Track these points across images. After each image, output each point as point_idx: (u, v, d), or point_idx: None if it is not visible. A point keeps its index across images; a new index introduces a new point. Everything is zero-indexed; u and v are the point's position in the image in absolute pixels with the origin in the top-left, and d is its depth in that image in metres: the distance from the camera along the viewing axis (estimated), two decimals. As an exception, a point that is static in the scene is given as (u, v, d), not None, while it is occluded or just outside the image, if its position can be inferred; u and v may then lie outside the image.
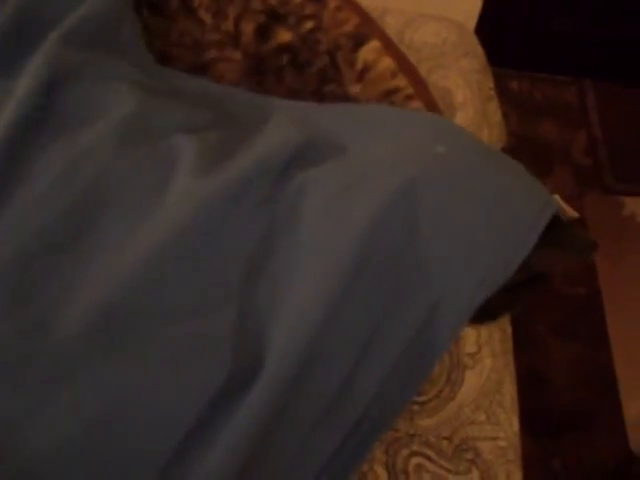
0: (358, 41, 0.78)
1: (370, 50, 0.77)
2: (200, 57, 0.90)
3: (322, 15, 0.79)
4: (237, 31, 0.87)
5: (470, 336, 0.78)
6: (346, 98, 0.81)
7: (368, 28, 0.77)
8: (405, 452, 0.71)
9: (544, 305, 1.42)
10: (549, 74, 1.87)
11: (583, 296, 1.53)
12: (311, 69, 0.84)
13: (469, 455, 0.72)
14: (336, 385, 0.58)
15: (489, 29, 1.61)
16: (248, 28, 0.86)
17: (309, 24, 0.81)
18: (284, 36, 0.85)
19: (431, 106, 0.73)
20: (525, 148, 1.33)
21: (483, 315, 0.62)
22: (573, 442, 1.32)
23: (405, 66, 0.76)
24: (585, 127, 1.79)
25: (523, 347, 0.88)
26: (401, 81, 0.75)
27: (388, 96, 0.76)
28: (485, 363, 0.78)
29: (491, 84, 1.13)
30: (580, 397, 1.37)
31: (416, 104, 0.73)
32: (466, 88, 1.01)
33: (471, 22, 1.69)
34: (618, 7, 1.78)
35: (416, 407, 0.74)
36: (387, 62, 0.76)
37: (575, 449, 1.31)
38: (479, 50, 1.10)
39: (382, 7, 1.04)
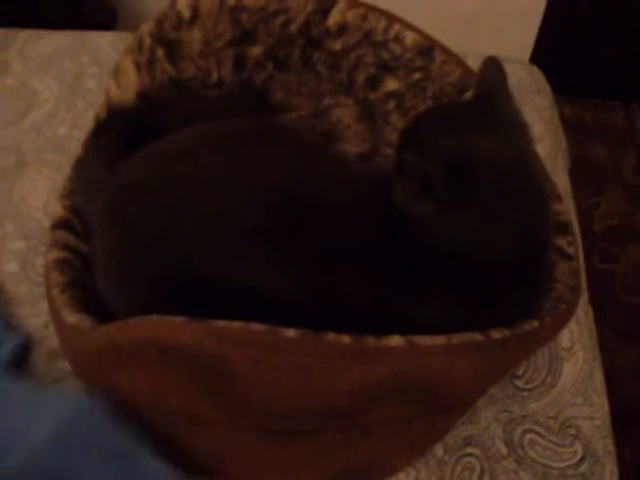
0: (461, 89, 0.93)
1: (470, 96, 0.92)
2: (318, 104, 1.05)
3: (430, 68, 0.95)
4: (350, 80, 1.03)
5: (565, 334, 0.93)
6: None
7: (470, 78, 0.93)
8: (519, 430, 0.86)
9: (607, 313, 1.52)
10: (598, 99, 2.02)
11: (642, 304, 1.66)
12: (416, 112, 0.99)
13: (572, 431, 0.87)
14: None
15: (542, 59, 1.77)
16: (360, 77, 1.02)
17: (417, 75, 0.96)
18: (392, 84, 1.00)
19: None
20: (579, 170, 1.46)
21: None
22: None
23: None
24: (634, 148, 1.93)
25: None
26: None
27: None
28: (578, 356, 0.93)
29: (557, 116, 1.28)
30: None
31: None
32: (541, 123, 1.17)
33: (526, 53, 1.85)
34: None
35: (525, 393, 0.88)
36: (488, 107, 0.92)
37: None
38: (547, 87, 1.26)
39: (462, 51, 1.18)
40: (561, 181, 1.08)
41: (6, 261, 0.96)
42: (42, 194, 1.03)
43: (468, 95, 0.89)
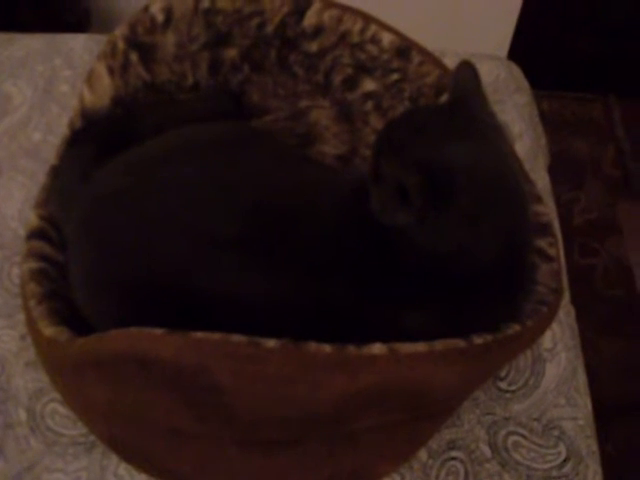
0: (439, 90, 0.92)
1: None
2: (295, 106, 1.04)
3: (407, 69, 0.94)
4: (326, 81, 1.02)
5: (547, 335, 0.92)
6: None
7: (448, 79, 0.92)
8: (503, 432, 0.86)
9: (587, 307, 1.53)
10: (576, 92, 2.02)
11: (622, 297, 1.67)
12: (394, 113, 0.99)
13: (555, 432, 0.86)
14: None
15: (520, 53, 1.77)
16: (337, 79, 1.01)
17: (395, 76, 0.95)
18: (369, 85, 0.99)
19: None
20: (558, 164, 1.47)
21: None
22: (623, 429, 1.46)
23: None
24: (612, 141, 1.94)
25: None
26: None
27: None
28: (561, 356, 0.92)
29: (536, 112, 1.28)
30: (627, 389, 1.52)
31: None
32: (521, 121, 1.16)
33: (504, 48, 1.85)
34: (636, 25, 1.93)
35: (509, 395, 0.88)
36: (466, 107, 0.91)
37: (625, 435, 1.46)
38: (526, 84, 1.25)
39: (439, 49, 1.17)
40: (541, 179, 1.08)
41: (-19, 271, 0.95)
42: (17, 202, 1.01)
43: (445, 97, 0.88)
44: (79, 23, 1.61)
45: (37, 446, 0.81)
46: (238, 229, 0.70)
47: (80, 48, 1.20)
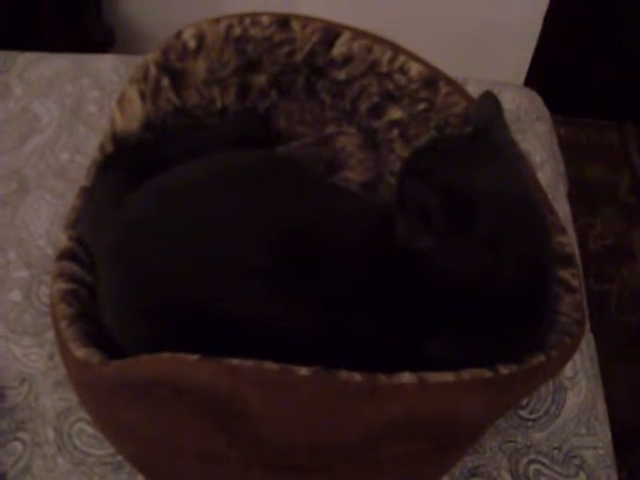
0: (466, 120, 0.94)
1: (477, 128, 0.93)
2: (321, 132, 1.06)
3: (434, 99, 0.95)
4: (353, 108, 1.03)
5: (568, 363, 0.93)
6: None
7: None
8: (524, 460, 0.87)
9: (602, 333, 1.53)
10: (592, 119, 2.04)
11: (637, 323, 1.67)
12: (419, 141, 1.00)
13: (576, 461, 0.87)
14: None
15: (537, 80, 1.79)
16: (363, 106, 1.02)
17: (422, 105, 0.96)
18: (396, 113, 1.00)
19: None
20: (574, 189, 1.48)
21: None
22: (637, 455, 1.46)
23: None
24: (628, 168, 1.95)
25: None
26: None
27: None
28: (581, 385, 0.93)
29: (556, 140, 1.29)
30: (641, 415, 1.52)
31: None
32: (542, 150, 1.18)
33: (522, 74, 1.86)
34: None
35: (530, 423, 0.89)
36: (492, 138, 0.93)
37: (637, 461, 1.46)
38: (546, 113, 1.27)
39: (461, 77, 1.19)
40: (562, 208, 1.09)
41: (9, 290, 0.96)
42: (45, 221, 1.03)
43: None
44: (104, 42, 1.63)
45: (64, 465, 0.82)
46: (266, 259, 0.71)
47: (108, 69, 1.22)
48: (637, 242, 1.78)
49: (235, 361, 0.63)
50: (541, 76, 1.82)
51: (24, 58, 1.24)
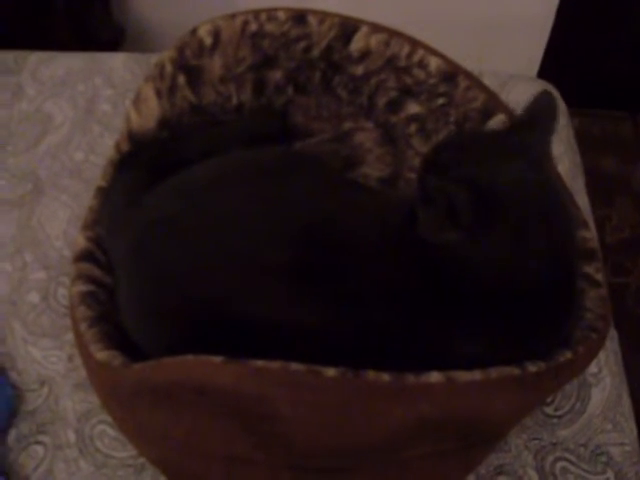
0: (486, 115, 0.92)
1: (496, 122, 0.91)
2: (339, 127, 1.05)
3: (454, 93, 0.94)
4: (370, 104, 1.02)
5: (592, 359, 0.92)
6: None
7: (494, 103, 0.92)
8: (551, 458, 0.86)
9: (619, 326, 1.52)
10: (605, 110, 2.02)
11: (654, 316, 1.66)
12: (438, 136, 0.99)
13: (603, 458, 0.86)
14: None
15: (550, 71, 1.77)
16: (381, 101, 1.01)
17: (441, 100, 0.95)
18: (414, 108, 0.99)
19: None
20: (588, 182, 1.46)
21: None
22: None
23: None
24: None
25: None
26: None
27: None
28: (606, 381, 0.92)
29: (572, 133, 1.28)
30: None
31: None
32: (560, 143, 1.16)
33: (535, 66, 1.85)
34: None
35: (555, 420, 0.88)
36: (512, 131, 0.91)
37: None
38: (563, 106, 1.25)
39: (477, 70, 1.17)
40: (581, 201, 1.08)
41: (27, 292, 0.95)
42: (61, 222, 1.02)
43: (495, 121, 0.88)
44: (114, 40, 1.62)
45: (86, 468, 0.82)
46: (288, 256, 0.70)
47: (120, 67, 1.21)
48: (653, 234, 1.76)
49: (261, 362, 0.62)
50: (554, 68, 1.80)
51: (35, 57, 1.24)
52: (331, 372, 0.62)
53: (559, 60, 1.84)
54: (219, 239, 0.72)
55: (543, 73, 1.81)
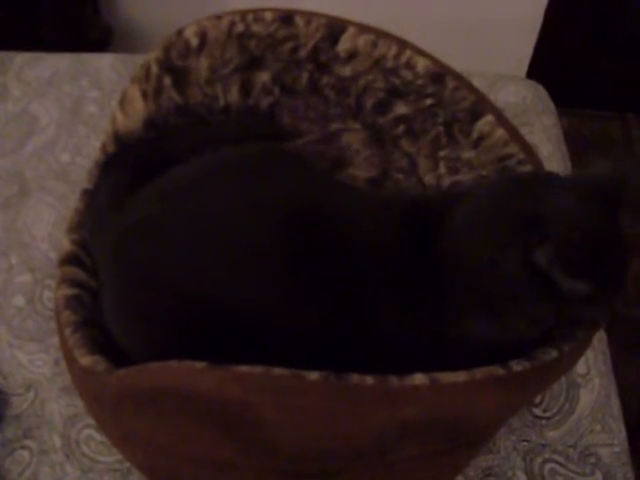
0: (474, 116, 0.92)
1: (485, 123, 0.91)
2: (326, 129, 1.04)
3: (442, 94, 0.94)
4: (358, 105, 1.02)
5: (580, 360, 0.92)
6: (460, 161, 0.96)
7: (483, 104, 0.92)
8: (539, 459, 0.85)
9: (609, 327, 1.51)
10: (594, 110, 2.02)
11: (640, 317, 1.66)
12: (426, 137, 0.98)
13: (592, 460, 0.86)
14: None
15: (539, 72, 1.77)
16: (368, 102, 1.01)
17: (429, 101, 0.95)
18: (401, 109, 0.99)
19: (540, 169, 0.88)
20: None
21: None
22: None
23: (516, 135, 0.91)
24: (631, 159, 1.93)
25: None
26: (513, 148, 0.90)
27: (502, 161, 0.90)
28: (595, 382, 0.92)
29: (561, 133, 1.28)
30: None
31: (527, 167, 0.88)
32: (549, 143, 1.16)
33: (524, 66, 1.85)
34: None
35: (544, 421, 0.88)
36: (500, 132, 0.91)
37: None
38: (552, 106, 1.25)
39: (465, 70, 1.17)
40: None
41: (12, 295, 0.95)
42: (46, 224, 1.02)
43: (483, 122, 0.88)
44: (102, 41, 1.61)
45: (72, 473, 0.81)
46: (271, 251, 0.69)
47: (107, 68, 1.21)
48: (643, 234, 1.76)
49: (244, 368, 0.61)
50: (543, 68, 1.80)
51: (21, 58, 1.23)
52: (314, 376, 0.61)
53: (548, 60, 1.84)
54: (200, 236, 0.72)
55: (532, 73, 1.82)
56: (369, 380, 0.63)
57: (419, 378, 0.64)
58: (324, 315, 0.69)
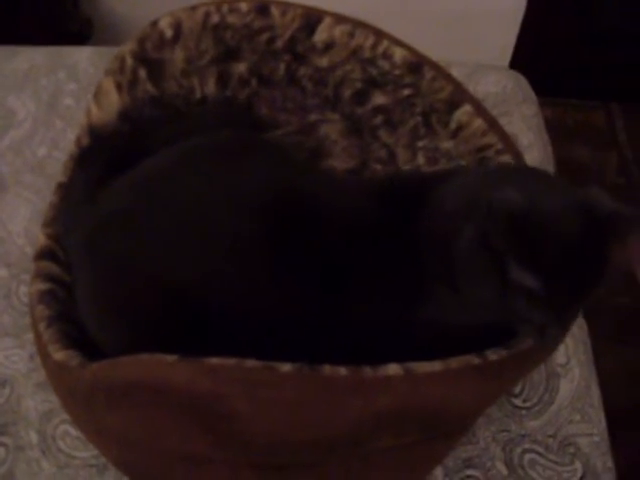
0: (452, 106, 0.91)
1: (463, 113, 0.91)
2: (304, 119, 1.04)
3: (420, 84, 0.93)
4: (335, 95, 1.01)
5: (560, 350, 0.92)
6: (439, 152, 0.95)
7: (461, 94, 0.91)
8: (519, 450, 0.85)
9: (592, 316, 1.51)
10: (578, 100, 2.02)
11: (627, 306, 1.66)
12: (404, 127, 0.98)
13: (571, 449, 0.86)
14: None
15: (522, 61, 1.77)
16: (346, 93, 1.00)
17: (406, 91, 0.94)
18: (379, 99, 0.98)
19: (518, 158, 0.87)
20: (562, 171, 1.46)
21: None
22: (631, 440, 1.45)
23: (494, 125, 0.90)
24: (615, 148, 1.93)
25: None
26: (492, 138, 0.89)
27: (481, 151, 0.90)
28: (574, 372, 0.92)
29: (543, 122, 1.27)
30: (634, 399, 1.51)
31: (506, 157, 0.87)
32: (529, 132, 1.16)
33: (507, 56, 1.84)
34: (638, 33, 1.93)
35: (524, 411, 0.88)
36: (479, 122, 0.90)
37: (630, 447, 1.45)
38: (532, 95, 1.25)
39: (445, 60, 1.16)
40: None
41: (-12, 290, 0.94)
42: (23, 219, 1.01)
43: (461, 112, 0.87)
44: (81, 33, 1.60)
45: (48, 469, 0.80)
46: (246, 238, 0.69)
47: (84, 61, 1.20)
48: (627, 223, 1.76)
49: (215, 360, 0.61)
50: (526, 58, 1.80)
51: (-2, 52, 1.21)
52: (286, 367, 0.61)
53: (531, 50, 1.84)
54: (174, 227, 0.71)
55: (515, 63, 1.81)
56: (342, 371, 0.62)
57: (393, 368, 0.63)
58: (298, 303, 0.68)
